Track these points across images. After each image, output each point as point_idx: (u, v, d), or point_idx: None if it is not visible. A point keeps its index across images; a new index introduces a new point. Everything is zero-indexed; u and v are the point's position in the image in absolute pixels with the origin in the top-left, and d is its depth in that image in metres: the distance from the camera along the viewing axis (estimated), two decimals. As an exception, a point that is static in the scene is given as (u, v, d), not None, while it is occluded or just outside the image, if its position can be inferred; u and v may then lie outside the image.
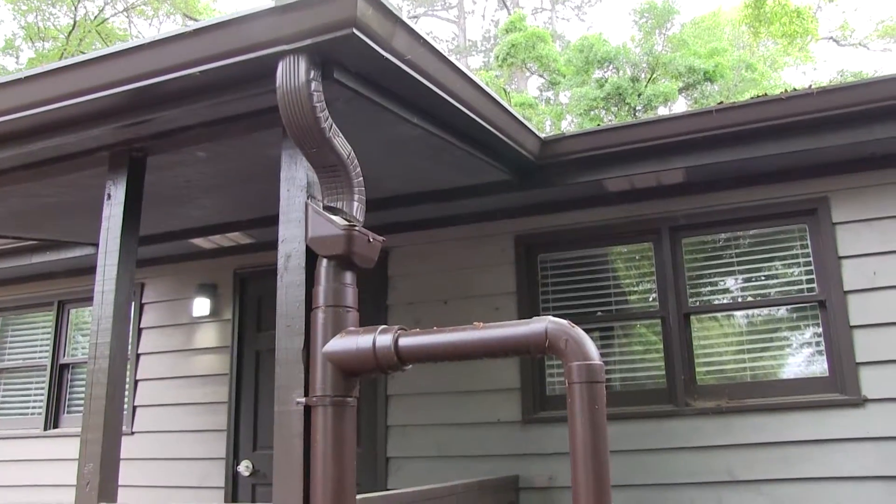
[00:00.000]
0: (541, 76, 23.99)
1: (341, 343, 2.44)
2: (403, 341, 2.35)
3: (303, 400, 2.48)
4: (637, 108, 18.92)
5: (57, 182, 4.03)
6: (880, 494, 4.23)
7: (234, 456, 5.76)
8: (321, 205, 2.68)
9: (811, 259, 4.73)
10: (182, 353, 6.21)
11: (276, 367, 2.60)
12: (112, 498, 3.01)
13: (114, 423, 3.09)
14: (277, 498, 2.50)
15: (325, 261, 2.57)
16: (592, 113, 19.37)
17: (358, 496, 2.58)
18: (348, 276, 2.57)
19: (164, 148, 3.50)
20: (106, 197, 3.40)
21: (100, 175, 3.57)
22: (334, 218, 2.58)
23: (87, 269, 3.35)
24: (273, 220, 2.80)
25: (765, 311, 4.89)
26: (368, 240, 2.59)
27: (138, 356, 6.35)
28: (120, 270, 3.25)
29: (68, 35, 19.97)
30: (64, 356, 6.89)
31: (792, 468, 4.41)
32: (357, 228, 2.55)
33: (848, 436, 4.35)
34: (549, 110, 22.42)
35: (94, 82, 3.02)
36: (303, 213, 2.69)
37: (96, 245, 3.36)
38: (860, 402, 4.36)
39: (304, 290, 2.60)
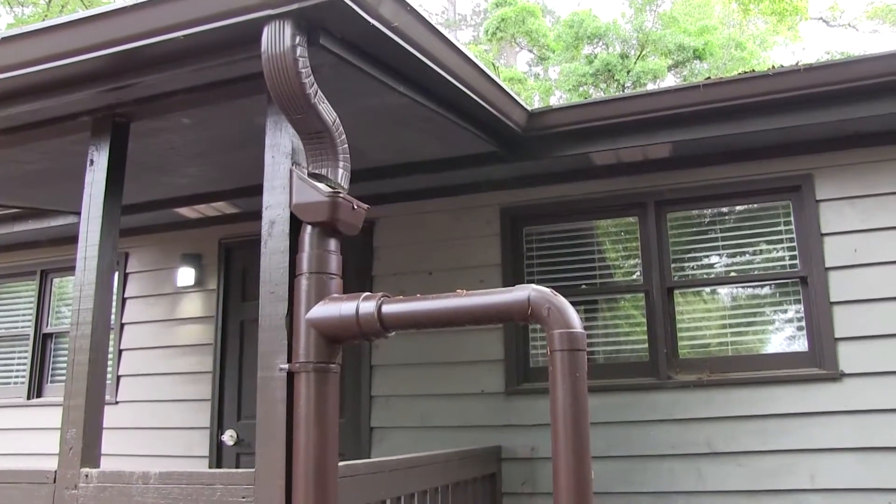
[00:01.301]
0: (530, 51, 23.90)
1: (325, 310, 2.44)
2: (387, 308, 2.35)
3: (286, 366, 2.48)
4: (626, 85, 18.90)
5: (38, 148, 3.99)
6: (856, 466, 4.30)
7: (219, 425, 5.77)
8: (306, 172, 2.67)
9: (794, 236, 4.76)
10: (166, 322, 6.20)
11: (259, 333, 2.60)
12: (95, 463, 3.02)
13: (96, 390, 3.09)
14: (260, 462, 2.52)
15: (309, 227, 2.56)
16: (581, 89, 19.33)
17: (340, 463, 2.60)
18: (332, 243, 2.57)
19: (147, 114, 3.47)
20: (88, 163, 3.36)
21: (82, 141, 3.54)
22: (319, 185, 2.57)
23: (71, 239, 3.33)
24: (259, 190, 2.79)
25: (747, 286, 4.93)
26: (353, 207, 2.58)
27: (122, 326, 6.33)
28: (103, 237, 3.23)
29: (49, 0, 19.66)
30: (47, 326, 6.86)
31: (770, 441, 4.47)
32: (341, 195, 2.55)
33: (825, 409, 4.42)
34: (537, 86, 22.35)
35: (76, 45, 2.98)
36: (287, 179, 2.68)
37: (79, 214, 3.33)
38: (838, 376, 4.42)
39: (288, 257, 2.60)
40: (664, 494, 4.59)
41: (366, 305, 2.36)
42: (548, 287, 2.24)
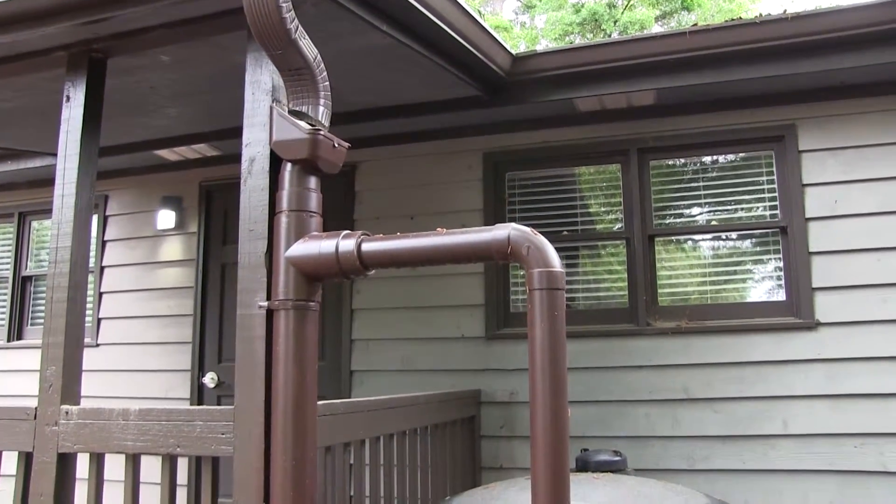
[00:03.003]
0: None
1: (304, 248, 2.43)
2: (366, 246, 2.34)
3: (265, 304, 2.48)
4: (613, 35, 18.69)
5: (12, 84, 3.91)
6: (826, 411, 4.40)
7: (200, 368, 5.79)
8: (286, 109, 2.63)
9: (776, 186, 4.78)
10: (147, 265, 6.17)
11: (238, 271, 2.59)
12: (75, 400, 3.02)
13: (75, 327, 3.07)
14: (239, 399, 2.53)
15: (289, 165, 2.53)
16: (568, 38, 19.10)
17: (319, 402, 2.61)
18: (312, 181, 2.55)
19: (125, 49, 3.39)
20: (64, 99, 3.30)
21: (58, 79, 3.46)
22: (299, 122, 2.54)
23: (49, 181, 3.27)
24: (239, 133, 2.75)
25: (727, 235, 4.95)
26: (334, 145, 2.55)
27: (102, 269, 6.30)
28: (80, 175, 3.18)
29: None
30: (26, 269, 6.81)
31: (746, 387, 4.55)
32: (322, 133, 2.51)
33: (800, 357, 4.49)
34: (523, 34, 22.07)
35: (50, -26, 2.90)
36: (267, 116, 2.64)
37: (57, 154, 3.28)
38: (814, 325, 4.49)
39: (268, 195, 2.58)
40: (641, 439, 4.68)
41: (346, 243, 2.35)
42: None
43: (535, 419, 2.00)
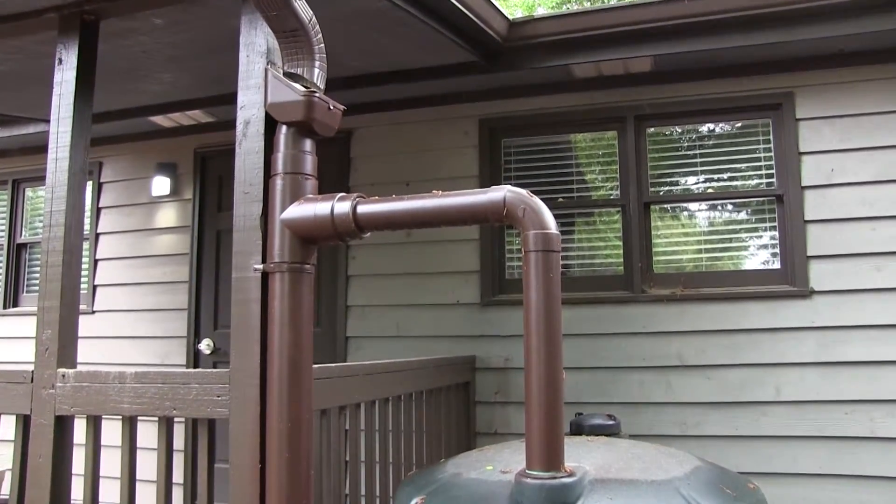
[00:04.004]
0: (514, -34, 23.29)
1: (299, 210, 2.42)
2: (362, 208, 2.34)
3: (260, 266, 2.48)
4: (610, 1, 18.55)
5: (2, 47, 3.86)
6: (818, 378, 4.45)
7: (195, 334, 5.81)
8: (281, 71, 2.61)
9: (772, 154, 4.78)
10: (142, 232, 6.16)
11: (233, 234, 2.58)
12: (71, 364, 3.03)
13: (71, 291, 3.07)
14: (235, 362, 2.54)
15: (284, 127, 2.52)
16: (566, 7, 18.96)
17: (315, 365, 2.62)
18: (308, 144, 2.53)
19: (117, 11, 3.34)
20: (57, 62, 3.26)
21: (49, 42, 3.41)
22: (294, 84, 2.52)
23: (43, 148, 3.25)
24: (234, 99, 2.72)
25: (723, 203, 4.95)
26: (329, 107, 2.54)
27: (98, 236, 6.29)
28: (74, 138, 3.16)
29: None
30: (21, 236, 6.79)
31: (739, 354, 4.58)
32: (317, 95, 2.50)
33: (793, 325, 4.52)
34: (520, 1, 21.89)
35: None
36: (262, 79, 2.62)
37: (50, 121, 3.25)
38: (807, 293, 4.51)
39: (263, 157, 2.57)
40: (634, 405, 4.71)
41: (341, 205, 2.35)
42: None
43: (530, 379, 2.02)
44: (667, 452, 2.50)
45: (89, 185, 6.27)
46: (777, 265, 4.71)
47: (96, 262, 6.25)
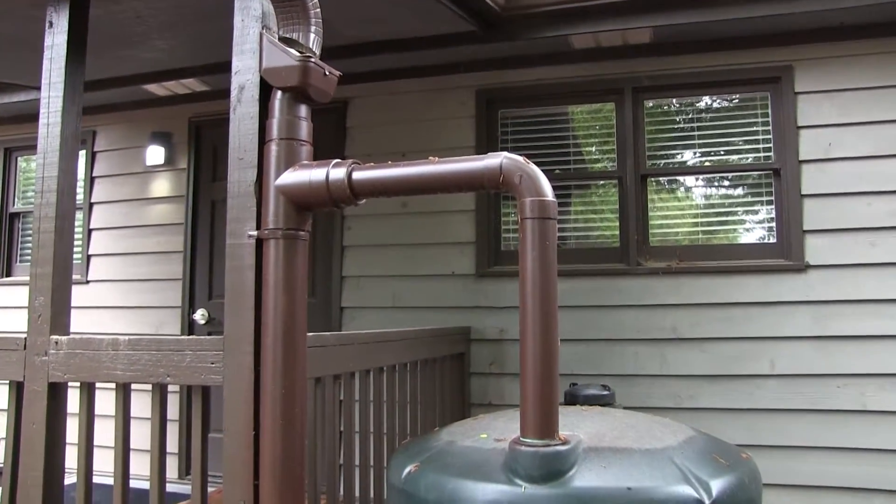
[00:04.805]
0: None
1: (294, 176, 2.40)
2: (357, 175, 2.32)
3: (255, 233, 2.46)
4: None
5: (-8, 9, 3.82)
6: (811, 352, 4.46)
7: (190, 304, 5.80)
8: (276, 36, 2.58)
9: (770, 128, 4.75)
10: (136, 202, 6.12)
11: (227, 200, 2.56)
12: (64, 331, 3.01)
13: (64, 258, 3.05)
14: (229, 329, 2.52)
15: (279, 93, 2.49)
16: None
17: (310, 334, 2.61)
18: (303, 110, 2.50)
19: (109, -26, 3.31)
20: (47, 25, 3.21)
21: (40, 5, 3.36)
22: (289, 49, 2.49)
23: (35, 116, 3.20)
24: (229, 67, 2.69)
25: (720, 177, 4.94)
26: (324, 73, 2.51)
27: (91, 205, 6.25)
28: (66, 103, 3.12)
29: None
30: (13, 205, 6.75)
31: (734, 328, 4.59)
32: (313, 60, 2.46)
33: (789, 299, 4.52)
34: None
35: None
36: (257, 43, 2.58)
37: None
38: (803, 267, 4.51)
39: (258, 123, 2.53)
40: (629, 377, 4.73)
41: (336, 172, 2.32)
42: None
43: (526, 346, 2.01)
44: (661, 422, 2.51)
45: (83, 155, 6.22)
46: (773, 239, 4.70)
47: (90, 231, 6.22)
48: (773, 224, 4.71)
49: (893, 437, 4.29)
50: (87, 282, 6.16)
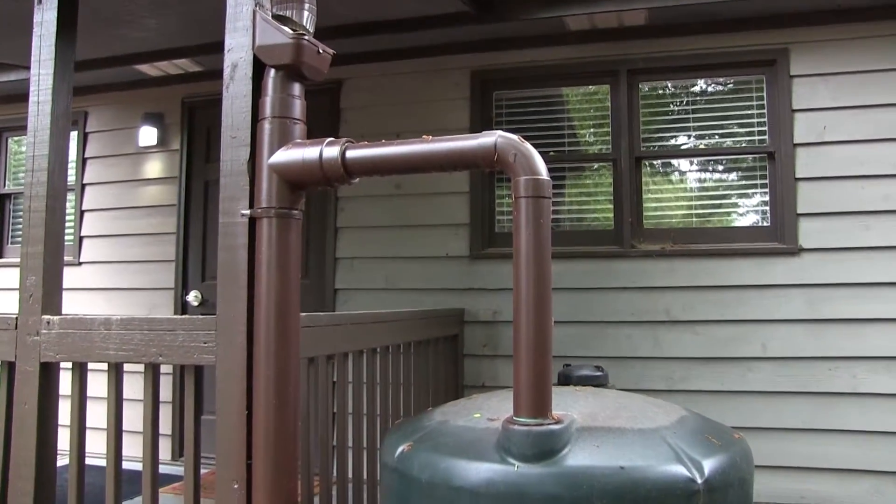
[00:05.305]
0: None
1: (287, 155, 2.38)
2: (351, 153, 2.30)
3: (248, 212, 2.44)
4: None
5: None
6: (803, 335, 4.48)
7: (183, 286, 5.78)
8: (270, 13, 2.55)
9: (765, 111, 4.75)
10: (129, 183, 6.09)
11: (220, 179, 2.54)
12: (56, 310, 3.00)
13: (55, 237, 3.03)
14: (222, 308, 2.51)
15: (272, 71, 2.46)
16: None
17: (303, 314, 2.60)
18: (296, 88, 2.48)
19: (100, -50, 3.26)
20: (36, 1, 3.17)
21: (29, -19, 3.33)
22: (283, 27, 2.46)
23: (24, 96, 3.17)
24: (222, 46, 2.66)
25: (714, 160, 4.93)
26: (318, 51, 2.48)
27: (83, 187, 6.22)
28: (56, 81, 3.08)
29: None
30: (4, 186, 6.71)
31: (728, 311, 4.60)
32: (306, 38, 2.44)
33: (782, 282, 4.54)
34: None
35: None
36: (250, 20, 2.55)
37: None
38: (796, 251, 4.51)
39: (251, 101, 2.51)
40: (622, 359, 4.74)
41: (329, 150, 2.31)
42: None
43: (519, 325, 2.01)
44: (654, 403, 2.51)
45: (74, 136, 6.18)
46: (766, 222, 4.71)
47: (82, 213, 6.19)
48: (767, 207, 4.71)
49: (884, 419, 4.31)
50: (80, 263, 6.13)
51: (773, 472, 4.43)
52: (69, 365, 2.87)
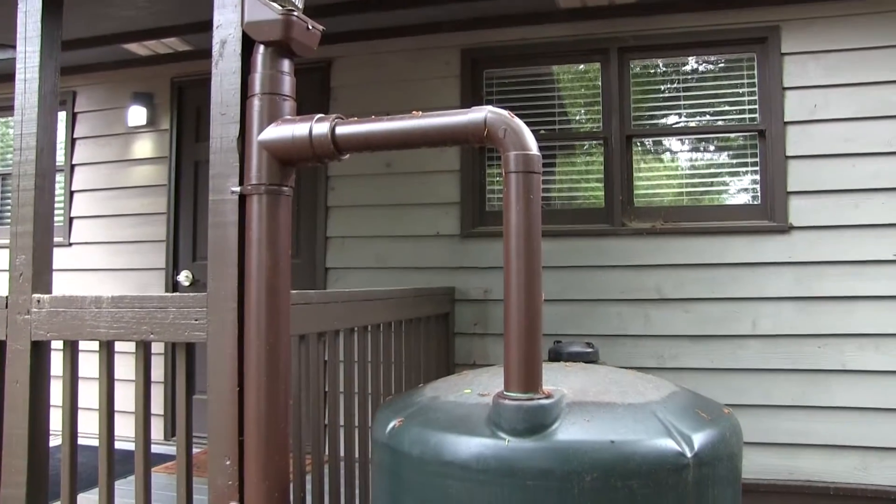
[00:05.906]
0: None
1: (277, 131, 2.37)
2: (340, 129, 2.29)
3: (238, 189, 2.44)
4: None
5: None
6: (793, 312, 4.50)
7: (174, 266, 5.77)
8: (258, -11, 2.53)
9: (756, 89, 4.75)
10: (119, 163, 6.06)
11: (210, 156, 2.53)
12: (46, 289, 2.99)
13: (45, 216, 3.01)
14: (212, 286, 2.51)
15: (261, 47, 2.45)
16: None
17: (294, 291, 2.60)
18: (286, 64, 2.47)
19: (86, -74, 3.23)
20: (23, -23, 3.14)
21: (14, -44, 3.29)
22: (272, 3, 2.45)
23: (11, 76, 3.14)
24: (211, 25, 2.64)
25: (705, 138, 4.93)
26: (307, 27, 2.47)
27: (73, 167, 6.18)
28: (43, 58, 3.05)
29: None
30: (-7, 167, 6.67)
31: (718, 288, 4.62)
32: (295, 14, 2.42)
33: (772, 260, 4.55)
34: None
35: None
36: (238, -4, 2.53)
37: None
38: (786, 228, 4.53)
39: (240, 77, 2.50)
40: (612, 337, 4.76)
41: (319, 126, 2.30)
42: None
43: (510, 300, 2.01)
44: (644, 378, 2.52)
45: (63, 116, 6.14)
46: (757, 201, 4.72)
47: (72, 193, 6.16)
48: (758, 185, 4.72)
49: (871, 395, 4.35)
50: (70, 244, 6.11)
51: (762, 449, 4.47)
52: (60, 345, 2.87)
